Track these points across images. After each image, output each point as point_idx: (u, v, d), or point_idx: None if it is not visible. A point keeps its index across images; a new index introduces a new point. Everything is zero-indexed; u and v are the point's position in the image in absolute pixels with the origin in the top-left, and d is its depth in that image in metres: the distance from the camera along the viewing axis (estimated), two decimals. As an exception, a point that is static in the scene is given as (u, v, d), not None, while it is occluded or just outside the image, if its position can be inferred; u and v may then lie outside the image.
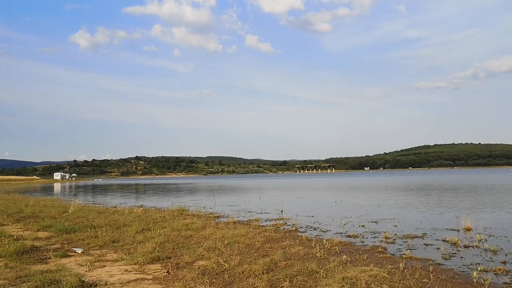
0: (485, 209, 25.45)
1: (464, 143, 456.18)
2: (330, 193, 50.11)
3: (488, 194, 39.31)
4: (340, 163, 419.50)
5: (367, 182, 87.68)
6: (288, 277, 9.54)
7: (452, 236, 15.53)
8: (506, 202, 29.54)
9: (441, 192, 45.10)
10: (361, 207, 28.80)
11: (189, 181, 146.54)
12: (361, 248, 13.71)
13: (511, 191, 42.90)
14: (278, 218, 23.20)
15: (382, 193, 45.85)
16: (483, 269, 10.49)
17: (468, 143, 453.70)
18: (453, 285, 8.89)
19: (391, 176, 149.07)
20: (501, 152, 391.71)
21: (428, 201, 32.86)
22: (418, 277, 9.60)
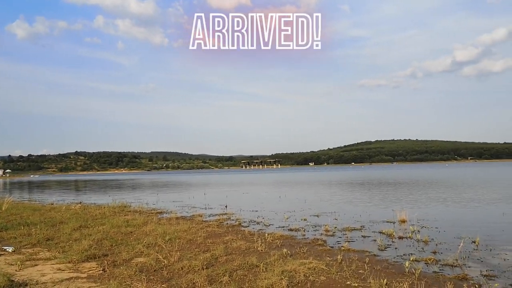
0: (419, 202, 26.64)
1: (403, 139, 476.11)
2: (275, 188, 50.67)
3: (423, 188, 41.25)
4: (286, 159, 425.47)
5: (311, 177, 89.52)
6: (228, 271, 9.51)
7: (388, 228, 16.10)
8: (439, 196, 31.08)
9: (380, 186, 46.81)
10: (304, 201, 29.29)
11: (132, 177, 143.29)
12: (302, 241, 13.92)
13: (444, 185, 45.24)
14: (222, 213, 23.14)
15: (325, 188, 46.92)
16: (415, 259, 10.95)
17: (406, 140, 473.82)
18: (386, 275, 9.20)
19: (334, 171, 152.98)
20: (436, 148, 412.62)
21: (368, 195, 33.99)
22: (355, 268, 9.87)
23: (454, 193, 32.82)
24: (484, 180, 52.89)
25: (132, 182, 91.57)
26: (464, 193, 32.46)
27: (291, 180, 76.00)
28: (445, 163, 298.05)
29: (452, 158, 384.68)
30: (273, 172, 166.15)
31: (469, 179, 56.47)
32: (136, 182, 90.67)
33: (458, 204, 24.86)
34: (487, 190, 35.86)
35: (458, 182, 50.65)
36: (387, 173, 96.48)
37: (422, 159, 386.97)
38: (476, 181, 50.83)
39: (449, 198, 28.47)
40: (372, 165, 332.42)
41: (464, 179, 56.83)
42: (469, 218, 19.22)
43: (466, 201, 26.40)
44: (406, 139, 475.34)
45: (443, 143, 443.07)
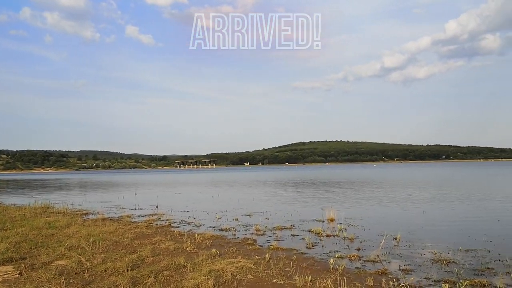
0: (348, 201, 27.61)
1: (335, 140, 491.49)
2: (208, 188, 50.41)
3: (352, 188, 42.82)
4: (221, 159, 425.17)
5: (246, 177, 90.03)
6: (153, 273, 9.28)
7: (317, 226, 16.48)
8: (366, 195, 32.39)
9: (312, 186, 48.02)
10: (237, 201, 29.37)
11: (59, 177, 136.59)
12: (232, 241, 13.91)
13: (372, 185, 47.23)
14: (152, 214, 22.63)
15: (258, 188, 47.35)
16: (340, 256, 11.29)
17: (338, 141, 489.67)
18: (312, 272, 9.40)
19: (268, 171, 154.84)
20: (366, 150, 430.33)
21: (300, 195, 34.71)
22: (282, 266, 10.00)
23: (380, 193, 34.33)
24: (409, 181, 55.85)
25: (58, 182, 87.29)
26: (389, 193, 34.03)
27: (226, 180, 76.02)
28: (373, 164, 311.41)
29: (380, 159, 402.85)
30: (208, 172, 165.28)
31: (395, 179, 59.40)
32: (63, 182, 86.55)
33: (383, 203, 26.01)
34: (411, 190, 37.85)
35: (384, 182, 53.10)
36: (319, 173, 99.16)
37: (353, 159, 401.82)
38: (401, 181, 53.55)
39: (375, 197, 29.73)
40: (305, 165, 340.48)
41: (390, 179, 59.70)
42: (392, 216, 20.14)
43: (391, 200, 27.70)
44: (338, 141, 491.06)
45: (372, 144, 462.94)
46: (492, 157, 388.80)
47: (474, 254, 11.39)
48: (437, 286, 8.46)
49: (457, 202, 25.48)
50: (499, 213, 19.86)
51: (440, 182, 51.17)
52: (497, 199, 26.83)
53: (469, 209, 22.15)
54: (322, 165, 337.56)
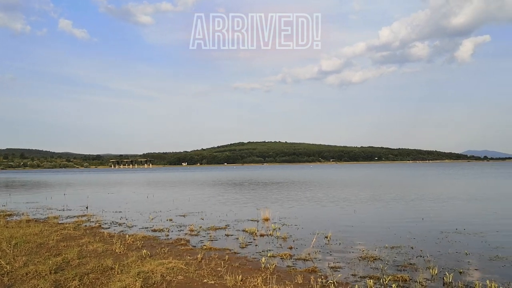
0: (284, 201, 28.03)
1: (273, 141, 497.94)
2: (143, 188, 49.28)
3: (289, 188, 43.55)
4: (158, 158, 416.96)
5: (183, 177, 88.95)
6: (78, 275, 8.89)
7: (251, 226, 16.56)
8: (302, 195, 33.06)
9: (249, 186, 48.29)
10: (172, 201, 28.92)
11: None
12: (165, 241, 13.66)
13: (307, 185, 48.29)
14: (82, 214, 21.75)
15: (195, 188, 46.92)
16: (272, 255, 11.41)
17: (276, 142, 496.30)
18: (243, 271, 9.42)
19: (207, 171, 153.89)
20: (303, 151, 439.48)
21: (236, 195, 34.77)
22: (214, 266, 9.93)
23: (315, 193, 35.16)
24: (345, 181, 57.68)
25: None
26: (324, 193, 34.94)
27: (162, 180, 74.67)
28: (310, 164, 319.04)
29: (316, 160, 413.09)
30: (144, 172, 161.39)
31: (332, 180, 61.12)
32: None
33: (318, 202, 26.65)
34: (347, 190, 39.10)
35: (320, 182, 54.48)
36: (257, 174, 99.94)
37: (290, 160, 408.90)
38: (337, 182, 55.20)
39: (310, 197, 30.40)
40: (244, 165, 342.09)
41: (326, 180, 61.35)
42: (326, 215, 20.67)
43: (326, 200, 28.44)
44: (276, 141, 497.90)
45: (309, 145, 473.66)
46: (420, 159, 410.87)
47: (399, 251, 11.92)
48: (362, 282, 8.75)
49: (390, 202, 26.63)
50: (424, 212, 20.95)
51: (375, 182, 53.29)
52: (425, 199, 28.33)
53: (398, 208, 23.22)
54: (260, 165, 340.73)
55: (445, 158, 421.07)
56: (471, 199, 27.57)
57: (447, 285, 8.54)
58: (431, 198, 28.25)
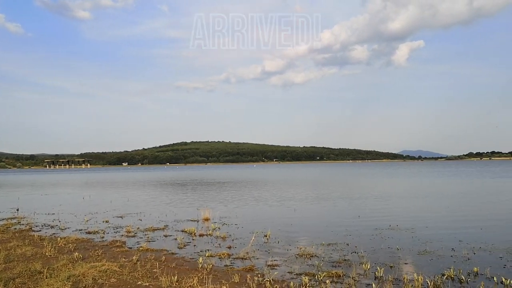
0: (225, 201, 27.99)
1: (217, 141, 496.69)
2: (80, 189, 47.50)
3: (231, 187, 43.58)
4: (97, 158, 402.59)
5: (123, 177, 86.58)
6: (3, 281, 8.39)
7: (191, 226, 16.35)
8: (243, 194, 33.18)
9: (191, 186, 47.83)
10: (110, 202, 28.07)
11: None
12: (99, 243, 13.19)
13: (250, 185, 48.54)
14: (11, 217, 20.63)
15: (135, 188, 45.85)
16: (211, 254, 11.32)
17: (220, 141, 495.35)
18: (179, 272, 9.26)
19: (148, 171, 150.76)
20: (246, 150, 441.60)
21: (176, 195, 34.30)
22: (149, 267, 9.70)
23: (257, 192, 35.38)
24: (288, 180, 58.47)
25: None
26: (266, 192, 35.26)
27: (101, 180, 72.28)
28: (254, 164, 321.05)
29: (260, 160, 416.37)
30: (82, 172, 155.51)
31: (275, 179, 61.78)
32: None
33: (262, 202, 26.83)
34: (289, 189, 39.66)
35: (265, 181, 54.91)
36: (200, 174, 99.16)
37: (234, 160, 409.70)
38: (280, 181, 55.87)
39: (252, 197, 30.57)
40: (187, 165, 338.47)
41: (271, 179, 61.93)
42: (266, 214, 20.83)
43: (267, 199, 28.70)
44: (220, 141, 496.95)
45: (253, 145, 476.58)
46: (360, 158, 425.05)
47: (335, 248, 12.21)
48: (298, 279, 8.86)
49: (330, 200, 27.30)
50: (361, 210, 21.65)
51: (319, 182, 54.46)
52: (363, 197, 29.31)
53: (337, 206, 23.85)
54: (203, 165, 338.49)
55: (383, 158, 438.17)
56: (406, 197, 28.86)
57: (378, 279, 8.84)
58: (368, 196, 29.27)
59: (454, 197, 28.40)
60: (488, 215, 19.60)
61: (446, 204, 24.03)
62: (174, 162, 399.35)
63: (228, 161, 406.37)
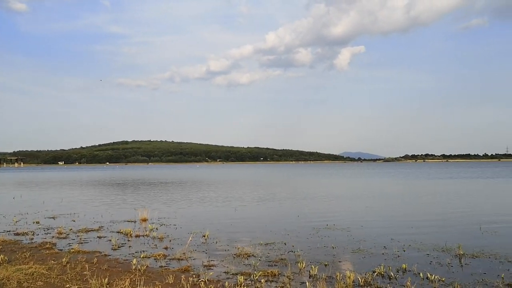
0: (165, 201, 27.56)
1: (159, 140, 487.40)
2: (11, 188, 45.00)
3: (172, 188, 42.95)
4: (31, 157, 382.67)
5: (58, 177, 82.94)
6: None
7: (127, 227, 15.90)
8: (188, 195, 32.79)
9: (130, 186, 46.65)
10: (42, 202, 26.77)
11: None
12: (28, 245, 12.53)
13: (191, 185, 48.09)
14: None
15: (70, 188, 44.09)
16: (146, 255, 11.05)
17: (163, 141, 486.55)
18: (111, 274, 8.96)
19: (85, 171, 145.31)
20: (190, 150, 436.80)
21: (114, 195, 33.34)
22: (79, 270, 9.32)
23: (201, 193, 35.11)
24: (231, 181, 58.40)
25: None
26: (210, 193, 35.04)
27: (34, 180, 68.80)
28: (197, 164, 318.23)
29: (203, 160, 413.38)
30: (14, 172, 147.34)
31: (220, 180, 61.55)
32: None
33: (200, 201, 26.64)
34: (231, 189, 39.60)
35: (207, 182, 54.56)
36: (141, 173, 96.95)
37: (177, 160, 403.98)
38: (223, 182, 55.71)
39: (197, 197, 30.29)
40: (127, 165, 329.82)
41: (215, 179, 61.61)
42: (206, 214, 20.67)
43: (208, 199, 28.53)
44: (162, 141, 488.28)
45: (196, 145, 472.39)
46: (302, 159, 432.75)
47: (272, 247, 12.30)
48: (234, 279, 8.82)
49: (271, 200, 27.53)
50: (300, 209, 22.04)
51: (264, 182, 54.78)
52: (304, 197, 29.85)
53: (277, 206, 24.15)
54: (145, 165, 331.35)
55: (325, 159, 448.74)
56: (345, 197, 29.68)
57: (313, 277, 8.98)
58: (309, 197, 29.88)
59: (390, 198, 29.57)
60: (420, 214, 20.57)
61: (383, 204, 24.97)
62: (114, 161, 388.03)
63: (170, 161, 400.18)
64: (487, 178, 56.52)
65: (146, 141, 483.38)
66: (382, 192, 35.60)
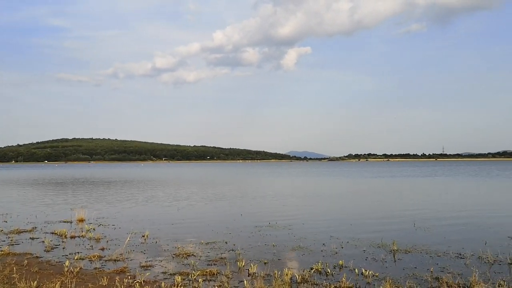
0: (104, 201, 26.78)
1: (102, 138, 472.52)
2: None
3: (115, 187, 41.80)
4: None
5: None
6: None
7: (62, 228, 15.28)
8: (126, 194, 32.03)
9: (70, 185, 44.94)
10: (-28, 203, 25.23)
11: None
12: (-50, 249, 11.71)
13: (134, 184, 47.01)
14: None
15: (3, 188, 41.85)
16: (80, 257, 10.66)
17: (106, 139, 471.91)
18: (41, 277, 8.57)
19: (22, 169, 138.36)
20: (134, 149, 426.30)
21: (51, 195, 32.00)
22: (8, 273, 8.83)
23: (140, 191, 34.38)
24: (178, 180, 57.57)
25: None
26: (149, 191, 34.36)
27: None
28: (142, 163, 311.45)
29: (148, 159, 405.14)
30: None
31: (164, 178, 60.48)
32: None
33: (142, 201, 26.11)
34: (177, 189, 39.04)
35: (149, 181, 53.49)
36: (84, 172, 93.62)
37: (120, 158, 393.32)
38: (170, 181, 54.84)
39: (138, 196, 29.61)
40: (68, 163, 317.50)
41: (155, 178, 60.48)
42: (147, 214, 20.22)
43: (151, 199, 28.01)
44: (105, 139, 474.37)
45: (141, 144, 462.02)
46: (250, 158, 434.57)
47: (213, 246, 12.23)
48: (171, 279, 8.68)
49: (215, 200, 27.37)
50: (244, 208, 22.12)
51: (212, 181, 54.39)
52: (249, 196, 29.89)
53: (221, 205, 24.12)
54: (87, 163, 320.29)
55: (272, 158, 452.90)
56: (289, 196, 30.09)
57: (251, 275, 9.01)
58: (254, 196, 30.05)
59: (333, 196, 30.32)
60: (360, 212, 21.22)
61: (325, 203, 25.57)
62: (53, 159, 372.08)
63: (114, 159, 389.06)
64: (425, 177, 59.26)
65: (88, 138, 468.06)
66: (326, 190, 36.41)
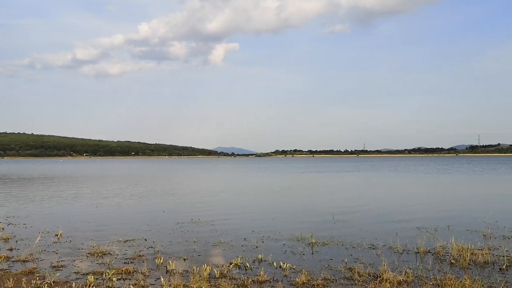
0: (17, 199, 25.34)
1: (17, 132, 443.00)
2: None
3: (30, 184, 39.48)
4: None
5: None
6: None
7: (-34, 228, 14.16)
8: (40, 192, 30.42)
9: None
10: None
11: None
12: None
13: (51, 181, 44.66)
14: None
15: None
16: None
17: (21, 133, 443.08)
18: None
19: None
20: (52, 144, 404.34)
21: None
22: None
23: (58, 189, 32.77)
24: (95, 176, 55.37)
25: None
26: (68, 189, 32.85)
27: None
28: (60, 159, 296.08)
29: (68, 154, 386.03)
30: None
31: (82, 175, 57.99)
32: None
33: (59, 199, 24.91)
34: (94, 185, 37.55)
35: (66, 177, 51.08)
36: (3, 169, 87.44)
37: (37, 154, 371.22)
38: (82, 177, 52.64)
39: (50, 194, 28.24)
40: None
41: (74, 175, 57.85)
42: (62, 213, 19.27)
43: (69, 196, 26.76)
44: (20, 133, 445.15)
45: (60, 138, 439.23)
46: (176, 154, 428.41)
47: (131, 244, 11.90)
48: (84, 279, 8.31)
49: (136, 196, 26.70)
50: (166, 205, 21.81)
51: (139, 177, 52.83)
52: (173, 192, 29.49)
53: (142, 202, 23.54)
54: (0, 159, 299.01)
55: (199, 154, 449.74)
56: (214, 191, 30.10)
57: (169, 272, 8.87)
58: (178, 192, 29.71)
59: (258, 191, 30.76)
60: (283, 206, 21.71)
61: (249, 198, 25.89)
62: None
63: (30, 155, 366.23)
64: (348, 172, 61.85)
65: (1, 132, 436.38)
66: (251, 185, 36.84)
